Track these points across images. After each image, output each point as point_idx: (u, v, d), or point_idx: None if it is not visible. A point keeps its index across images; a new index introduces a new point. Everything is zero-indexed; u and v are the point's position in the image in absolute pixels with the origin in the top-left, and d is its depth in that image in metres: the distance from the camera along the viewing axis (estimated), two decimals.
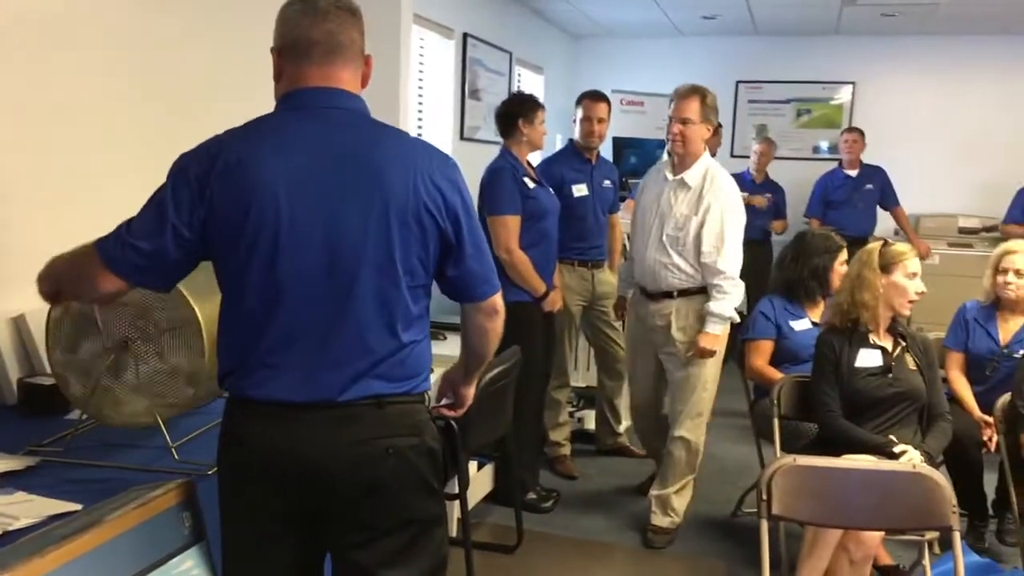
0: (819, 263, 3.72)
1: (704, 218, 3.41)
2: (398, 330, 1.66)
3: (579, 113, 4.22)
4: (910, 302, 3.09)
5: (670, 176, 3.54)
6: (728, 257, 3.41)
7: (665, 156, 3.81)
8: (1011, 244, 3.75)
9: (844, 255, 3.73)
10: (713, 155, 5.55)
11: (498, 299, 1.81)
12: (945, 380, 3.56)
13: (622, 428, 4.65)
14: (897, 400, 3.04)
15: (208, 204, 1.59)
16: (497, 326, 1.85)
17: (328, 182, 1.60)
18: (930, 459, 2.92)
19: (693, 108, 3.45)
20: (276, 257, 1.59)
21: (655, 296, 3.56)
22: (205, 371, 2.07)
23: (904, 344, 3.11)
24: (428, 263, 1.70)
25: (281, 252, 1.59)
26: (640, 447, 4.50)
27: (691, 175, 3.48)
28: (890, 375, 3.05)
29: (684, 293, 3.51)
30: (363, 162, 1.63)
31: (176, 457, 2.04)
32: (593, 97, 4.22)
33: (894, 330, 3.14)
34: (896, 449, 2.89)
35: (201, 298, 2.03)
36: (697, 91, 3.49)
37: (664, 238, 3.48)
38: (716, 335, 3.45)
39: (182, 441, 2.15)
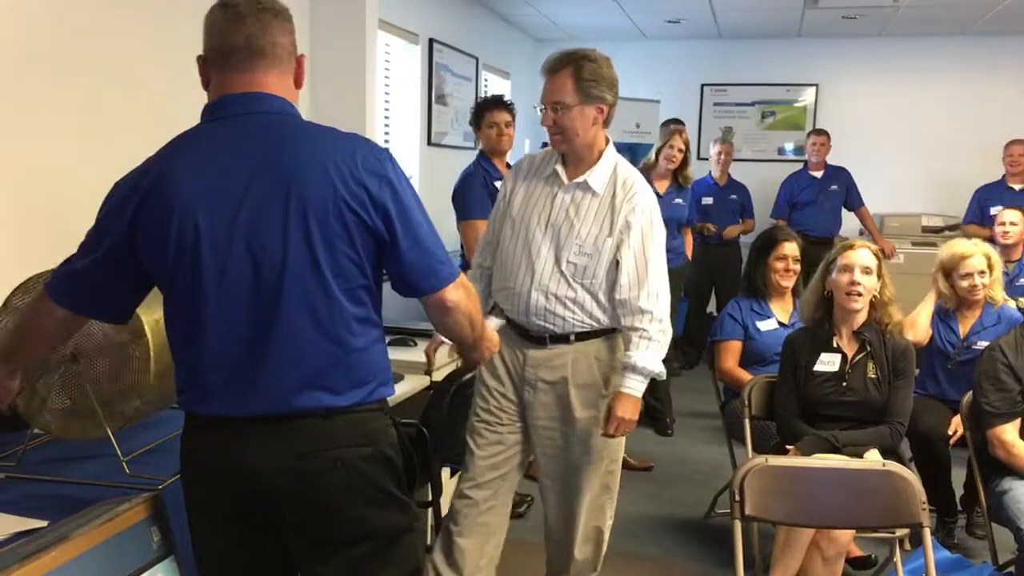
0: (752, 260, 3.83)
1: (623, 238, 2.45)
2: (339, 336, 1.61)
3: None
4: (848, 295, 3.06)
5: (565, 177, 2.53)
6: (654, 292, 2.47)
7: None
8: (959, 250, 3.74)
9: (782, 250, 3.76)
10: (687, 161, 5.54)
11: (446, 294, 1.69)
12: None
13: None
14: (848, 408, 3.03)
15: (134, 226, 1.59)
16: (449, 321, 1.74)
17: (245, 191, 1.56)
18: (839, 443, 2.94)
19: (565, 87, 2.41)
20: (200, 274, 1.56)
21: (540, 341, 2.55)
22: (153, 383, 2.05)
23: (868, 351, 3.07)
24: (363, 263, 1.63)
25: (204, 268, 1.56)
26: (637, 457, 4.48)
27: (597, 177, 2.49)
28: (843, 383, 3.04)
29: (584, 336, 2.54)
30: (279, 166, 1.58)
31: (127, 471, 2.00)
32: None
33: (861, 335, 3.10)
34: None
35: (149, 310, 2.01)
36: (569, 60, 2.42)
37: (564, 265, 2.47)
38: (637, 398, 2.47)
39: (136, 453, 2.12)
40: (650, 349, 2.46)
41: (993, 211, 6.11)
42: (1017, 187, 6.21)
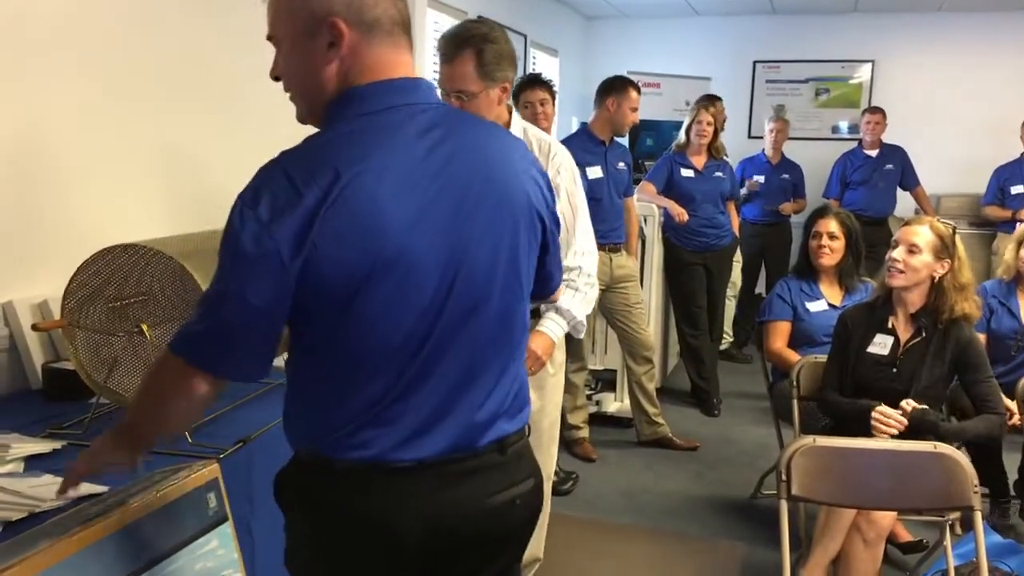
0: (803, 241, 3.81)
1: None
2: (518, 354, 1.46)
3: (625, 101, 4.23)
4: (888, 270, 2.94)
5: None
6: (580, 251, 2.51)
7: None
8: None
9: (815, 227, 3.72)
10: (722, 131, 5.51)
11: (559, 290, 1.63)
12: None
13: (660, 418, 4.53)
14: (897, 395, 2.88)
15: (306, 248, 1.22)
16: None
17: (451, 204, 1.31)
18: (955, 430, 2.86)
19: (467, 74, 2.20)
20: (401, 293, 1.28)
21: None
22: None
23: (924, 336, 2.91)
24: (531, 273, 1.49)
25: (406, 286, 1.28)
26: (683, 436, 4.49)
27: None
28: (894, 369, 2.92)
29: (533, 314, 2.39)
30: (484, 173, 1.35)
31: (189, 440, 2.06)
32: (636, 87, 4.31)
33: (920, 319, 2.94)
34: (879, 409, 2.83)
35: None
36: (467, 44, 2.19)
37: None
38: (552, 339, 2.49)
39: (198, 424, 2.17)
40: (575, 297, 2.50)
41: (1015, 191, 6.00)
42: None
